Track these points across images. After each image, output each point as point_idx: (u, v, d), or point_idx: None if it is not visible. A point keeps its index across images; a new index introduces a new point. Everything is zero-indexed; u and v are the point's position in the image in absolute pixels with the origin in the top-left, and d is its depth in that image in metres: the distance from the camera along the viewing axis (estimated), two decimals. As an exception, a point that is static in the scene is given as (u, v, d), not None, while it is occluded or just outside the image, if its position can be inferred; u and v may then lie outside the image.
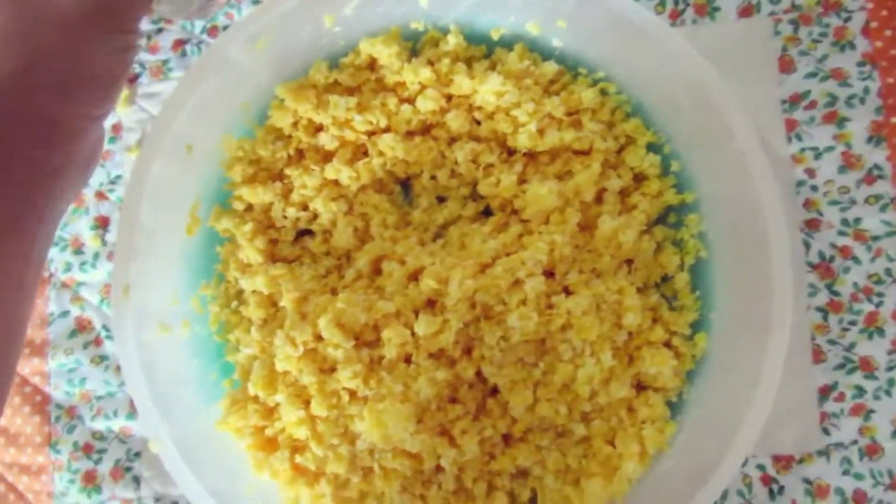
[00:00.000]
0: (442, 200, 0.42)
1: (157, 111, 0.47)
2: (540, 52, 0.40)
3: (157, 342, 0.37)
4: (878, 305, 0.42)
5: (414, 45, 0.41)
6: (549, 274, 0.38)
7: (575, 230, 0.38)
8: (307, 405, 0.37)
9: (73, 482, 0.46)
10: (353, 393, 0.36)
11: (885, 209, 0.43)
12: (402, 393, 0.35)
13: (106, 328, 0.47)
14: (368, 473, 0.37)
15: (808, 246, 0.43)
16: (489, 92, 0.38)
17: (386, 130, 0.40)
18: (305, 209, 0.41)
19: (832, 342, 0.42)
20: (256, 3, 0.47)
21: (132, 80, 0.48)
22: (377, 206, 0.41)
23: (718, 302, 0.38)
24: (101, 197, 0.48)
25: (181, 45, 0.48)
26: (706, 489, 0.32)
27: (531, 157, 0.40)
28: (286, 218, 0.41)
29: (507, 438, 0.38)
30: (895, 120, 0.43)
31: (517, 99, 0.38)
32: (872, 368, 0.42)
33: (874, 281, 0.42)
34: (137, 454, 0.46)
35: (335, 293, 0.39)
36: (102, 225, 0.48)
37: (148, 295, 0.37)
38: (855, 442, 0.42)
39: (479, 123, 0.41)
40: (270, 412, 0.38)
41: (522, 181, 0.40)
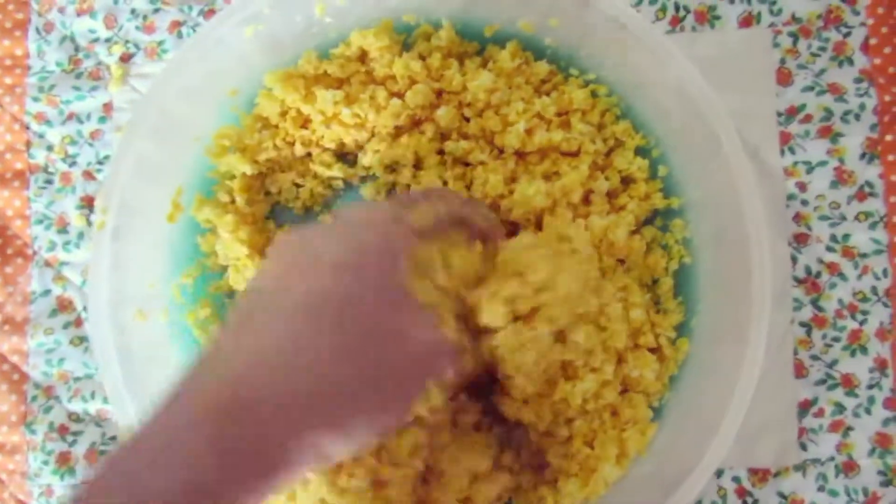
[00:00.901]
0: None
1: (149, 92, 0.47)
2: (532, 50, 0.40)
3: (133, 325, 0.37)
4: (862, 323, 0.42)
5: (406, 38, 0.40)
6: None
7: None
8: None
9: (46, 463, 0.46)
10: None
11: (874, 227, 0.43)
12: None
13: (86, 309, 0.47)
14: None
15: (795, 260, 0.43)
16: (480, 89, 0.38)
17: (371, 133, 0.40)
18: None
19: (815, 357, 0.42)
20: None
21: (126, 58, 0.48)
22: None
23: (700, 308, 0.38)
24: (88, 176, 0.47)
25: (177, 26, 0.47)
26: (676, 496, 0.32)
27: (520, 156, 0.40)
28: (269, 194, 0.40)
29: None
30: (890, 137, 0.43)
31: (507, 97, 0.38)
32: (853, 385, 0.42)
33: (860, 298, 0.42)
34: (113, 438, 0.46)
35: None
36: (88, 205, 0.47)
37: (126, 277, 0.36)
38: (832, 458, 0.42)
39: (468, 120, 0.40)
40: None
41: (512, 180, 0.39)
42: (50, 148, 0.48)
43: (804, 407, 0.42)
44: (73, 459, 0.46)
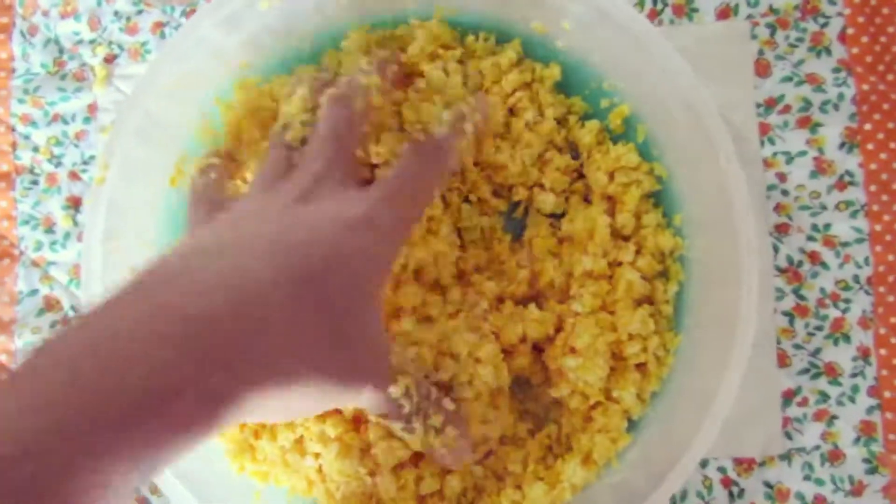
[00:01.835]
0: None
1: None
2: (544, 53, 0.40)
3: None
4: (844, 312, 0.42)
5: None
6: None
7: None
8: None
9: (34, 462, 0.46)
10: None
11: (855, 215, 0.43)
12: None
13: (74, 308, 0.47)
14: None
15: (776, 250, 0.43)
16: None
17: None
18: None
19: (798, 347, 0.42)
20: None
21: (110, 60, 0.48)
22: None
23: (686, 322, 0.38)
24: (74, 177, 0.48)
25: (160, 27, 0.48)
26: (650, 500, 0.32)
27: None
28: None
29: None
30: (869, 127, 0.43)
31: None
32: (837, 374, 0.42)
33: (842, 287, 0.42)
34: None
35: None
36: (74, 205, 0.48)
37: (117, 276, 0.37)
38: (817, 447, 0.42)
39: None
40: None
41: None
42: (36, 149, 0.48)
43: (788, 396, 0.42)
44: (59, 458, 0.46)
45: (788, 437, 0.42)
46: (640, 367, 0.38)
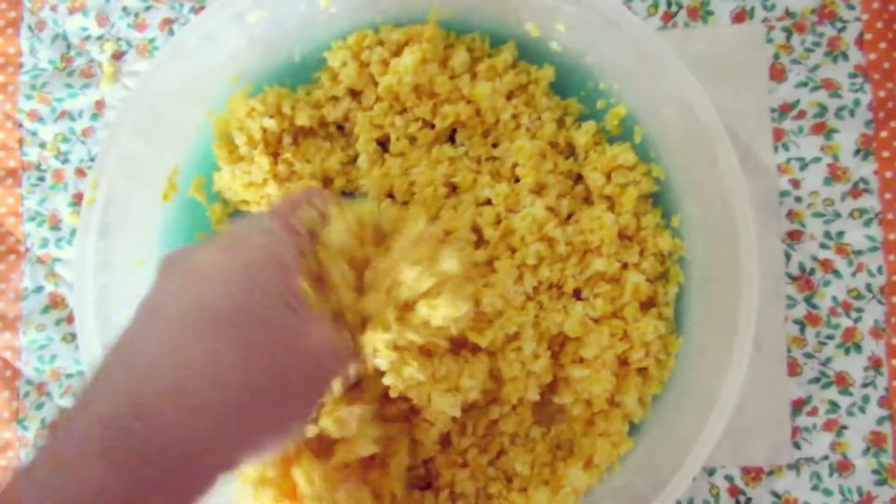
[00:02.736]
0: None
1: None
2: (539, 55, 0.40)
3: (121, 319, 0.37)
4: (856, 321, 0.42)
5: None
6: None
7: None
8: None
9: (38, 459, 0.46)
10: None
11: (869, 224, 0.42)
12: None
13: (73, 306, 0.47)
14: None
15: (788, 257, 0.42)
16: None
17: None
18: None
19: (808, 356, 0.42)
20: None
21: (118, 56, 0.48)
22: None
23: (686, 325, 0.37)
24: (80, 174, 0.48)
25: (169, 23, 0.47)
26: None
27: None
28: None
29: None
30: (885, 134, 0.42)
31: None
32: (847, 384, 0.42)
33: (854, 296, 0.42)
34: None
35: None
36: (80, 202, 0.47)
37: (115, 270, 0.36)
38: (826, 457, 0.41)
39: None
40: None
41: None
42: (42, 145, 0.48)
43: (798, 405, 0.42)
44: (64, 456, 0.46)
45: (797, 446, 0.41)
46: (641, 370, 0.37)
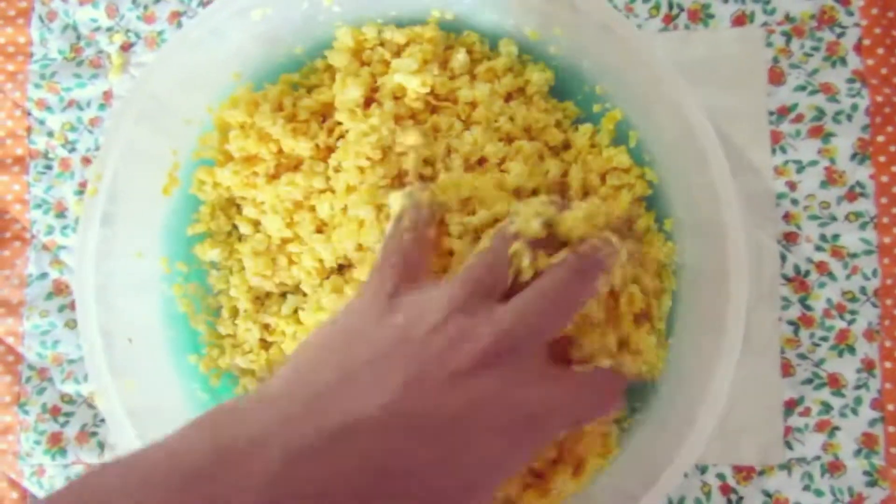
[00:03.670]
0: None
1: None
2: (536, 58, 0.40)
3: (122, 306, 0.37)
4: (850, 323, 0.42)
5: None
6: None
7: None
8: None
9: (38, 443, 0.46)
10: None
11: (864, 227, 0.43)
12: None
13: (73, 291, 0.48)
14: None
15: (784, 259, 0.43)
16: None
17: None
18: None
19: (802, 356, 0.42)
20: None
21: (126, 48, 0.48)
22: None
23: (675, 328, 0.37)
24: (86, 162, 0.48)
25: (177, 16, 0.48)
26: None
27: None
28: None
29: None
30: (881, 138, 0.43)
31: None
32: (840, 386, 0.42)
33: (848, 298, 0.42)
34: (103, 420, 0.46)
35: None
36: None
37: (117, 258, 0.37)
38: (818, 458, 0.42)
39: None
40: None
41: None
42: (50, 134, 0.49)
43: (790, 406, 0.42)
44: (64, 440, 0.46)
45: (789, 446, 0.42)
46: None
